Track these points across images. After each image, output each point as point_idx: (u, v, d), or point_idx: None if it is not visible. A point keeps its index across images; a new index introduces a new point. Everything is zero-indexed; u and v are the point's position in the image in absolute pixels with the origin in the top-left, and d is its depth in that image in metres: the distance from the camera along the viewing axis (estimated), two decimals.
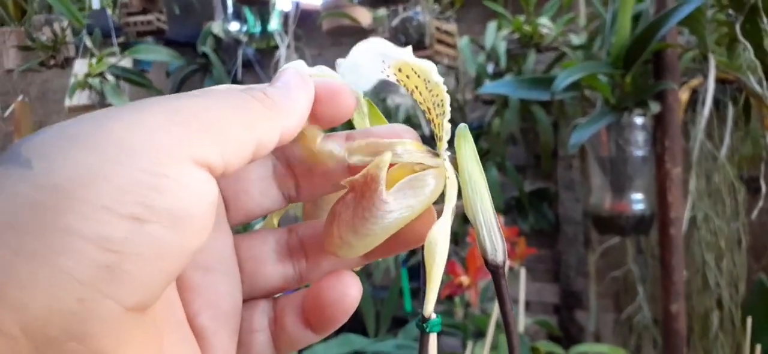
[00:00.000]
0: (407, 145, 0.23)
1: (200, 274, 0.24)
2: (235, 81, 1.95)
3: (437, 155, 0.23)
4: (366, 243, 0.23)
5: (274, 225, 0.29)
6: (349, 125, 0.26)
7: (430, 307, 0.24)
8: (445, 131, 0.23)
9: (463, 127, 0.25)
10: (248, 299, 0.26)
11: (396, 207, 0.22)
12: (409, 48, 0.22)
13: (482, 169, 0.24)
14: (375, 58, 0.22)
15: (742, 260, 0.97)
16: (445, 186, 0.23)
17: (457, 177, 0.23)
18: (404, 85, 0.23)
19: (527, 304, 1.82)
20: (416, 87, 0.23)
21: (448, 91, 0.24)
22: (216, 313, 0.24)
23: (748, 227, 1.02)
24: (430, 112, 0.23)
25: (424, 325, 0.32)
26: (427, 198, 0.23)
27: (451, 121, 0.24)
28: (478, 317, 1.15)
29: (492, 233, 0.24)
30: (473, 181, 0.24)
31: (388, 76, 0.23)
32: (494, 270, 0.24)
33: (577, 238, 1.71)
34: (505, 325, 0.24)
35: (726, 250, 0.97)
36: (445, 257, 0.23)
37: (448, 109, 0.22)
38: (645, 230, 0.99)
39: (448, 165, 0.23)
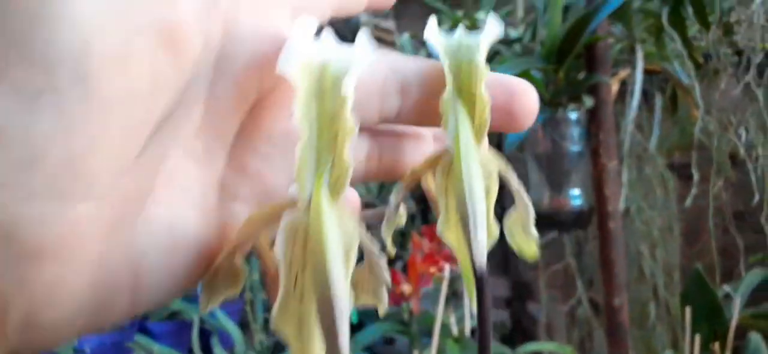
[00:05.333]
0: None
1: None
2: None
3: None
4: None
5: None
6: None
7: None
8: None
9: None
10: None
11: None
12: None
13: None
14: None
15: (676, 248, 0.99)
16: None
17: None
18: None
19: None
20: None
21: None
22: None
23: (678, 215, 1.04)
24: None
25: None
26: None
27: None
28: (426, 316, 1.14)
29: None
30: None
31: None
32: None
33: None
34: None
35: (659, 240, 0.99)
36: None
37: None
38: (584, 225, 1.00)
39: None
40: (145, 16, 0.15)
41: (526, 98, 0.22)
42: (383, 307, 0.21)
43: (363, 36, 0.19)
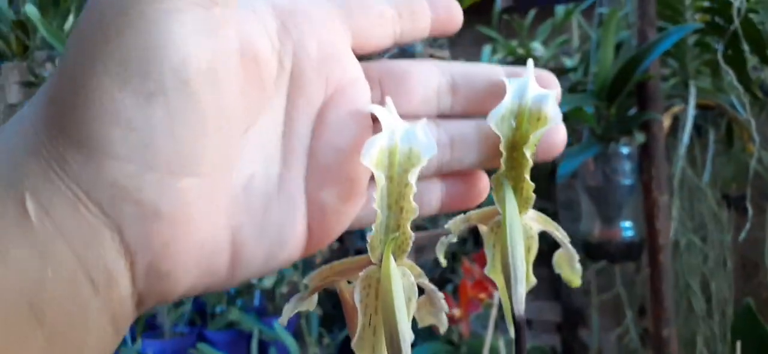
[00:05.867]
0: None
1: None
2: None
3: None
4: None
5: None
6: None
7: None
8: None
9: None
10: None
11: None
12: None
13: None
14: None
15: (729, 282, 0.99)
16: None
17: None
18: None
19: (529, 323, 1.83)
20: None
21: None
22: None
23: (732, 250, 1.04)
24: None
25: None
26: None
27: None
28: (476, 339, 1.17)
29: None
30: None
31: None
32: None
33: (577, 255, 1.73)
34: None
35: (711, 275, 0.99)
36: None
37: None
38: (635, 257, 1.01)
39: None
40: (231, 42, 0.21)
41: (558, 135, 0.28)
42: (443, 327, 0.28)
43: (424, 126, 0.24)
